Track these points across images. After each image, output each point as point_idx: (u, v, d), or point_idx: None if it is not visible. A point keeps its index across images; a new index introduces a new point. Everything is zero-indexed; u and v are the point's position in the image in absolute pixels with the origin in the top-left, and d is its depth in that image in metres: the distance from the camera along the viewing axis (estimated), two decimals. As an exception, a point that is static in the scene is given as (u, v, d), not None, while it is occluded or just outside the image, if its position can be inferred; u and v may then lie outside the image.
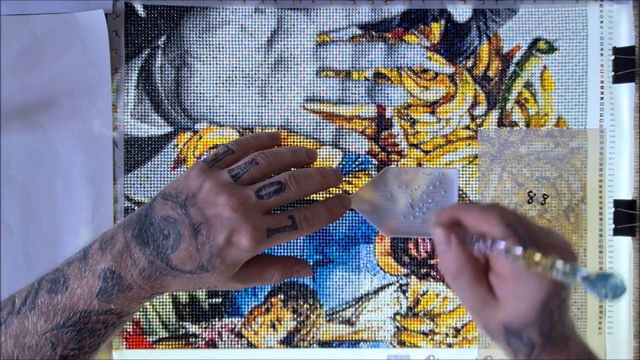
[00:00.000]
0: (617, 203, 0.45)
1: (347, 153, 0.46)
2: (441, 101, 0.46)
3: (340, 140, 0.46)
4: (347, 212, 0.45)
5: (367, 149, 0.46)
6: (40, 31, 0.44)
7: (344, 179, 0.45)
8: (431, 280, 0.45)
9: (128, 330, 0.45)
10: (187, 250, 0.34)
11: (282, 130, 0.46)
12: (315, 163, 0.45)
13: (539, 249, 0.31)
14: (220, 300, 0.45)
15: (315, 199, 0.45)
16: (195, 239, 0.34)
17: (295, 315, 0.45)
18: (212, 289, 0.37)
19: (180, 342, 0.45)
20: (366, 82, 0.46)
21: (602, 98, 0.46)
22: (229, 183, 0.36)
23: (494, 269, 0.34)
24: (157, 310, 0.45)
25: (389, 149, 0.46)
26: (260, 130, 0.45)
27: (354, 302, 0.46)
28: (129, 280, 0.34)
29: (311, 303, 0.45)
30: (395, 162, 0.46)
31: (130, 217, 0.36)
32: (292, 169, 0.39)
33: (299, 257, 0.45)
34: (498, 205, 0.34)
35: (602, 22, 0.46)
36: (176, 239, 0.34)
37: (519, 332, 0.33)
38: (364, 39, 0.46)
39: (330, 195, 0.45)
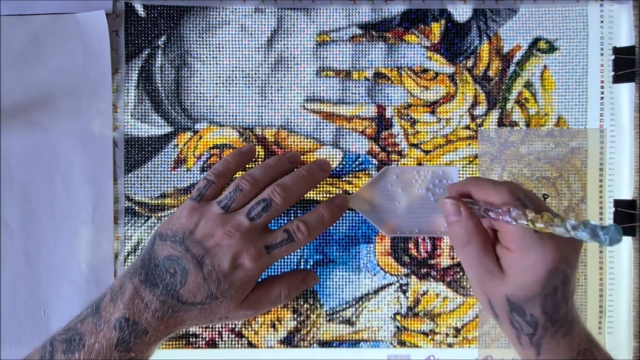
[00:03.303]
0: (618, 203, 0.45)
1: (347, 153, 0.46)
2: (441, 101, 0.46)
3: (340, 140, 0.46)
4: (348, 212, 0.45)
5: (367, 149, 0.46)
6: (42, 31, 0.44)
7: (344, 179, 0.45)
8: (431, 280, 0.45)
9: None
10: (195, 283, 0.36)
11: (282, 130, 0.46)
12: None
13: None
14: (220, 300, 0.45)
15: (317, 198, 0.45)
16: (201, 270, 0.36)
17: (295, 315, 0.45)
18: (224, 320, 0.38)
19: (180, 342, 0.45)
20: (366, 82, 0.46)
21: (602, 98, 0.46)
22: (220, 214, 0.38)
23: (502, 241, 0.35)
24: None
25: (389, 149, 0.46)
26: (260, 130, 0.45)
27: (354, 302, 0.46)
28: (144, 325, 0.35)
29: (311, 303, 0.45)
30: (396, 162, 0.46)
31: (135, 264, 0.37)
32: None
33: (299, 256, 0.45)
34: (509, 181, 0.36)
35: (602, 22, 0.46)
36: (183, 274, 0.36)
37: (522, 306, 0.34)
38: (364, 39, 0.46)
39: (332, 196, 0.45)
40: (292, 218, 0.45)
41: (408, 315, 0.45)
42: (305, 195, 0.45)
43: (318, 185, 0.45)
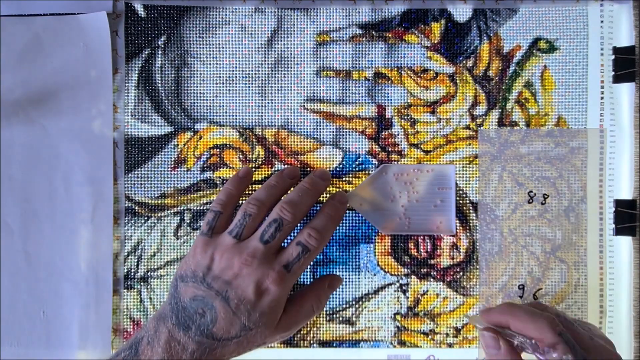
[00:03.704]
0: (618, 203, 0.45)
1: (347, 153, 0.46)
2: (441, 101, 0.46)
3: (340, 140, 0.46)
4: (348, 212, 0.45)
5: (367, 149, 0.46)
6: (43, 32, 0.44)
7: (344, 179, 0.45)
8: (431, 280, 0.45)
9: (129, 330, 0.45)
10: (226, 319, 0.36)
11: (282, 130, 0.46)
12: (314, 163, 0.45)
13: (588, 355, 0.33)
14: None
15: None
16: (228, 305, 0.36)
17: (295, 315, 0.45)
18: (263, 346, 0.38)
19: (180, 342, 0.45)
20: (366, 82, 0.46)
21: (602, 98, 0.46)
22: (233, 244, 0.38)
23: None
24: (158, 310, 0.45)
25: (389, 149, 0.46)
26: (260, 130, 0.45)
27: (354, 302, 0.46)
28: None
29: (311, 303, 0.45)
30: (396, 162, 0.45)
31: (163, 309, 0.37)
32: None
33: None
34: (547, 311, 0.36)
35: (602, 21, 0.46)
36: (212, 312, 0.36)
37: None
38: (364, 39, 0.46)
39: (327, 196, 0.45)
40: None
41: (408, 315, 0.45)
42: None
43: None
